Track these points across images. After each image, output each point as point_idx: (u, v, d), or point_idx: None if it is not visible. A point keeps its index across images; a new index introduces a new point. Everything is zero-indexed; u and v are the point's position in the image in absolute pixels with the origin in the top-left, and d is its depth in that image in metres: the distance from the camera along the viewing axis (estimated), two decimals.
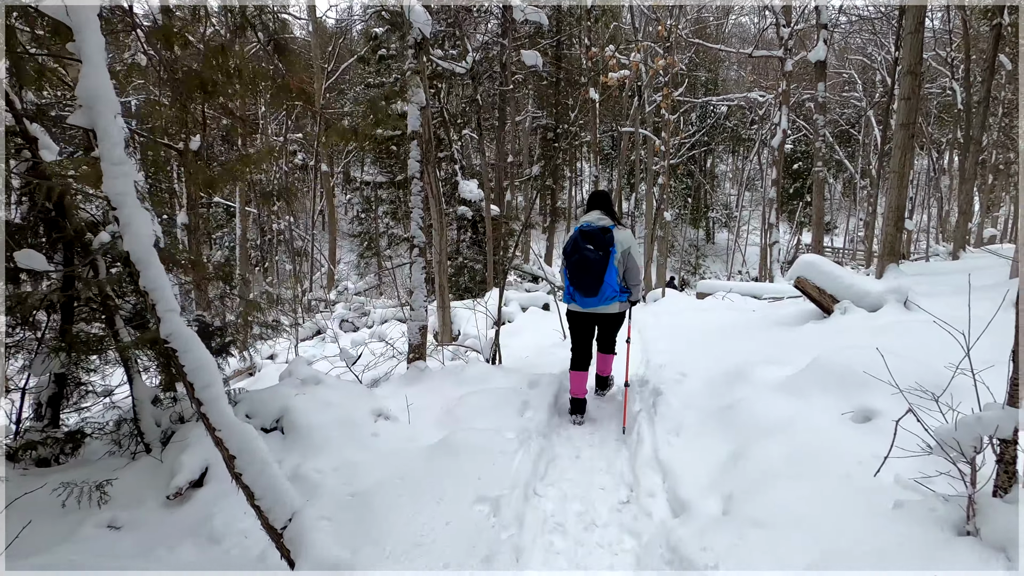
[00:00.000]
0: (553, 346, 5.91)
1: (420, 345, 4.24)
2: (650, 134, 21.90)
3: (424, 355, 4.31)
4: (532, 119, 19.49)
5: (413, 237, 4.14)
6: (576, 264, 3.53)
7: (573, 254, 3.55)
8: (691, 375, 4.07)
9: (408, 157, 4.12)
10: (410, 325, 4.21)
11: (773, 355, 4.10)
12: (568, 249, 3.62)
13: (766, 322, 5.58)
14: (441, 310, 6.66)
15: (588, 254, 3.50)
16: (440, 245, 6.38)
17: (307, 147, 22.66)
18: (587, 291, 3.55)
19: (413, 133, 4.11)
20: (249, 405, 3.13)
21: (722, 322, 6.11)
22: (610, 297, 3.57)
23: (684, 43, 13.54)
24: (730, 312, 6.72)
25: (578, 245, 3.55)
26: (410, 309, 4.23)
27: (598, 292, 3.53)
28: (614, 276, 3.56)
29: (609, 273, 3.53)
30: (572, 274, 3.56)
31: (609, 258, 3.52)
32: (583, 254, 3.51)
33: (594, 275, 3.50)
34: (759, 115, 27.66)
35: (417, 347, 4.24)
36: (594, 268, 3.49)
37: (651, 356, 4.91)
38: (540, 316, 8.03)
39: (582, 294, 3.58)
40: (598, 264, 3.49)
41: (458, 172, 11.01)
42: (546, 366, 4.68)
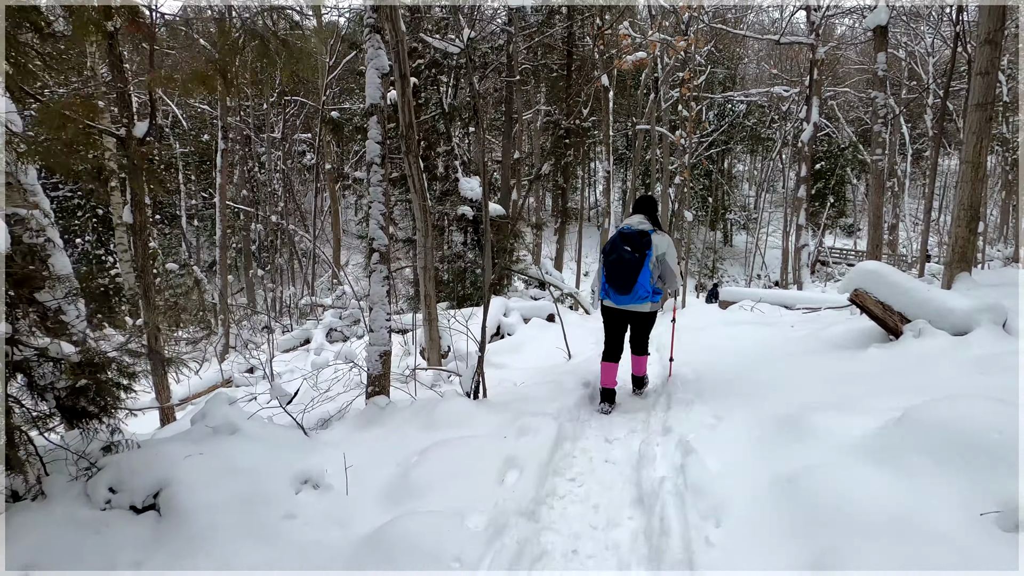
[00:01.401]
0: (556, 369, 4.98)
1: (381, 376, 3.34)
2: (667, 132, 20.91)
3: (387, 387, 3.41)
4: (543, 114, 18.58)
5: (372, 239, 3.25)
6: (613, 263, 3.74)
7: (611, 254, 3.76)
8: (727, 420, 3.12)
9: (367, 137, 3.23)
10: (369, 351, 3.32)
11: (835, 395, 3.14)
12: (607, 249, 3.84)
13: (813, 343, 4.60)
14: (428, 324, 5.77)
15: (624, 254, 3.71)
16: (426, 248, 5.48)
17: (315, 147, 22.01)
18: (621, 289, 3.74)
19: (372, 107, 3.22)
20: (115, 474, 2.24)
21: (757, 341, 5.13)
22: (642, 296, 3.75)
23: (703, 33, 12.51)
24: (764, 328, 5.74)
25: (616, 245, 3.76)
26: (368, 331, 3.33)
27: (631, 291, 3.72)
28: (647, 277, 3.74)
29: (643, 274, 3.72)
30: (608, 273, 3.79)
31: (644, 260, 3.71)
32: (620, 254, 3.72)
33: (629, 275, 3.70)
34: (782, 112, 26.46)
35: (377, 378, 3.35)
36: (629, 268, 3.70)
37: (674, 389, 3.96)
38: (544, 328, 7.10)
39: (616, 292, 3.78)
40: (633, 265, 3.69)
41: (458, 168, 10.12)
42: (544, 399, 3.75)
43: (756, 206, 40.98)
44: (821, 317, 6.43)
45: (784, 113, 26.77)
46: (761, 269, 30.41)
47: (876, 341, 4.13)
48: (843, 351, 4.16)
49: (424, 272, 5.62)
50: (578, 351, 5.79)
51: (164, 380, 5.55)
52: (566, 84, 15.39)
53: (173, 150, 25.05)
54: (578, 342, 6.19)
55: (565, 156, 15.80)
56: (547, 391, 3.97)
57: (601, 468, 2.93)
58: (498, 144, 19.73)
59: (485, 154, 18.47)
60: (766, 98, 31.23)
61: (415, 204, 5.23)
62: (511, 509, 2.34)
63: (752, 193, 42.15)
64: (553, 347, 6.01)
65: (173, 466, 2.28)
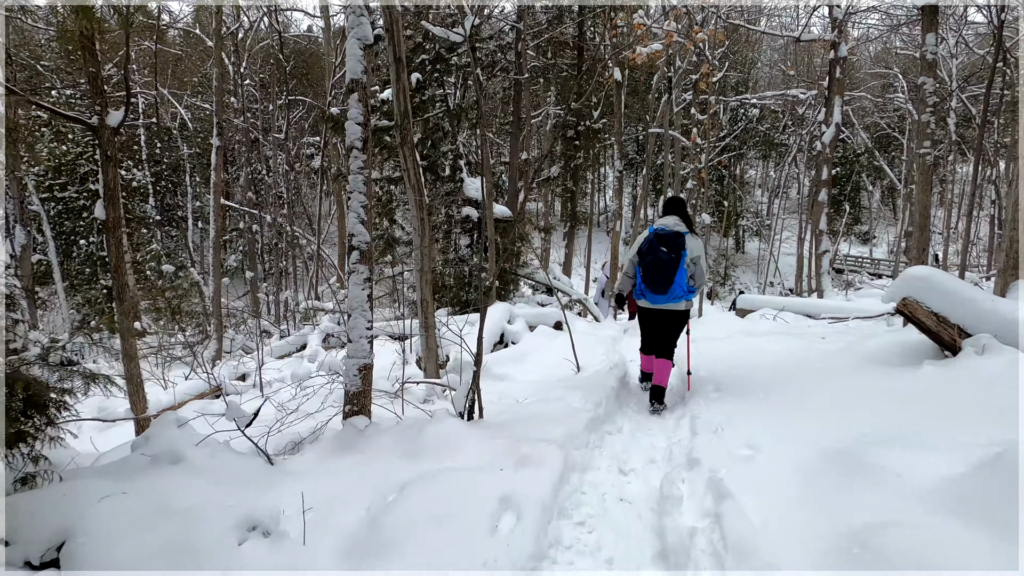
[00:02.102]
0: (563, 384, 4.50)
1: (361, 393, 2.89)
2: (679, 136, 20.43)
3: (367, 406, 2.96)
4: (552, 117, 18.17)
5: (351, 235, 2.81)
6: (650, 264, 3.82)
7: (648, 254, 3.84)
8: (766, 451, 2.63)
9: (347, 118, 2.79)
10: (346, 364, 2.87)
11: (894, 423, 2.65)
12: (644, 249, 3.89)
13: (852, 359, 4.10)
14: (425, 332, 5.32)
15: (662, 255, 3.78)
16: (422, 249, 5.05)
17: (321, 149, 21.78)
18: (658, 289, 3.82)
19: (353, 83, 2.78)
20: (10, 520, 1.80)
21: (786, 355, 4.63)
22: (678, 296, 3.84)
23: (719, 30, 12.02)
24: (791, 339, 5.23)
25: (653, 246, 3.82)
26: (347, 341, 2.88)
27: (668, 291, 3.81)
28: (684, 277, 3.81)
29: (680, 274, 3.79)
30: (645, 273, 3.87)
31: (680, 260, 3.78)
32: (657, 255, 3.79)
33: (666, 275, 3.78)
34: (797, 116, 25.87)
35: (356, 396, 2.89)
36: (666, 269, 3.77)
37: (697, 408, 3.48)
38: (551, 337, 6.62)
39: (653, 291, 3.86)
40: (670, 265, 3.77)
41: (463, 169, 9.70)
42: (549, 420, 3.27)
43: (769, 212, 40.34)
44: (852, 328, 5.91)
45: (799, 117, 26.18)
46: (774, 276, 29.72)
47: (928, 357, 3.63)
48: (890, 369, 3.66)
49: (421, 275, 5.19)
50: (588, 362, 5.31)
51: (140, 389, 5.13)
52: (576, 85, 14.97)
53: (181, 152, 24.94)
54: (587, 352, 5.72)
55: (575, 158, 15.35)
56: (552, 410, 3.50)
57: (615, 509, 2.45)
58: (506, 145, 19.33)
59: (493, 156, 18.07)
60: (780, 103, 30.68)
61: (411, 201, 4.80)
62: (504, 566, 1.87)
63: (764, 200, 41.51)
64: (561, 357, 5.54)
65: (85, 510, 1.83)
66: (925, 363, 3.49)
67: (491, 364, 5.59)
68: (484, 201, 8.32)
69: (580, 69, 14.86)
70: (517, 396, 4.18)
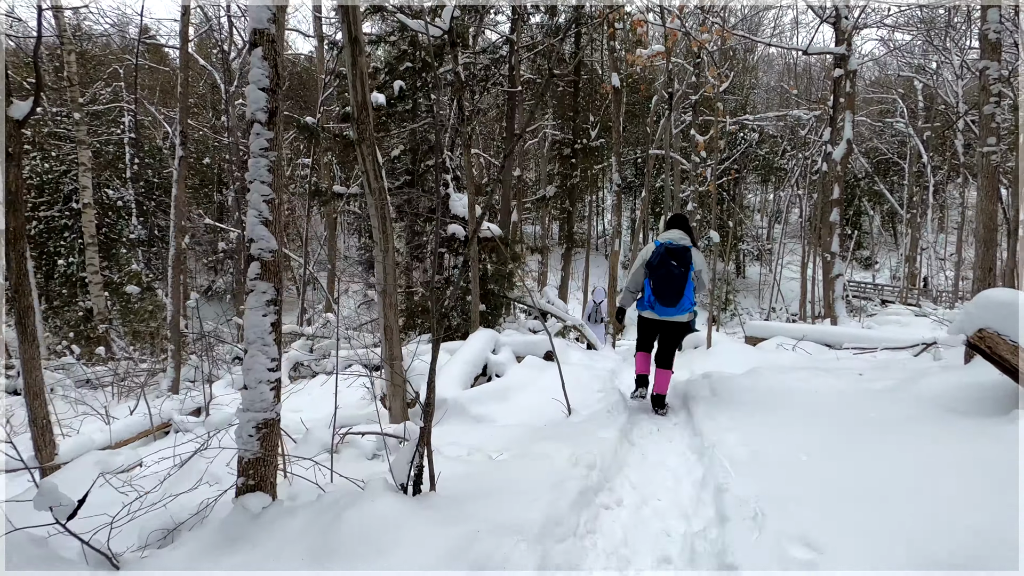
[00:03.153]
0: (550, 431, 3.67)
1: (259, 461, 2.07)
2: (679, 157, 19.90)
3: (269, 477, 2.12)
4: (550, 137, 17.61)
5: (250, 240, 2.04)
6: (662, 277, 3.95)
7: (660, 268, 3.96)
8: (833, 554, 1.81)
9: (250, 82, 2.04)
10: (240, 421, 2.06)
11: (1015, 510, 1.83)
12: (655, 263, 4.00)
13: (909, 405, 3.28)
14: (390, 364, 4.51)
15: (673, 269, 3.93)
16: (386, 266, 4.28)
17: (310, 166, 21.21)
18: (668, 302, 3.98)
19: (256, 34, 2.03)
20: None
21: (823, 396, 3.80)
22: (686, 308, 4.01)
23: (720, 45, 11.49)
24: (823, 376, 4.41)
25: (664, 260, 3.96)
26: (243, 388, 2.08)
27: (677, 304, 3.98)
28: (691, 290, 4.00)
29: (688, 288, 3.97)
30: (656, 286, 3.98)
31: (689, 274, 3.95)
32: (669, 269, 3.94)
33: (676, 288, 3.94)
34: (799, 138, 25.43)
35: (253, 465, 2.07)
36: (677, 282, 3.94)
37: (724, 477, 2.65)
38: (542, 370, 5.80)
39: (662, 304, 4.00)
40: (681, 279, 3.94)
41: (450, 184, 9.00)
42: (527, 493, 2.43)
43: (769, 236, 39.82)
44: (888, 362, 5.10)
45: (801, 140, 25.76)
46: (776, 301, 28.97)
47: (1013, 406, 2.82)
48: (967, 421, 2.84)
49: (384, 298, 4.40)
50: (581, 402, 4.49)
51: (46, 432, 4.30)
52: (573, 102, 14.44)
53: (169, 170, 24.35)
54: (581, 390, 4.89)
55: (571, 178, 14.73)
56: (533, 474, 2.67)
57: None
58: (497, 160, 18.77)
59: (485, 174, 17.46)
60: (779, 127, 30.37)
61: (371, 208, 4.04)
62: None
63: (764, 224, 41.01)
64: (550, 395, 4.71)
65: None
66: (1015, 414, 2.68)
67: (469, 402, 4.77)
68: (467, 216, 7.60)
69: (577, 85, 14.35)
70: (492, 449, 3.35)
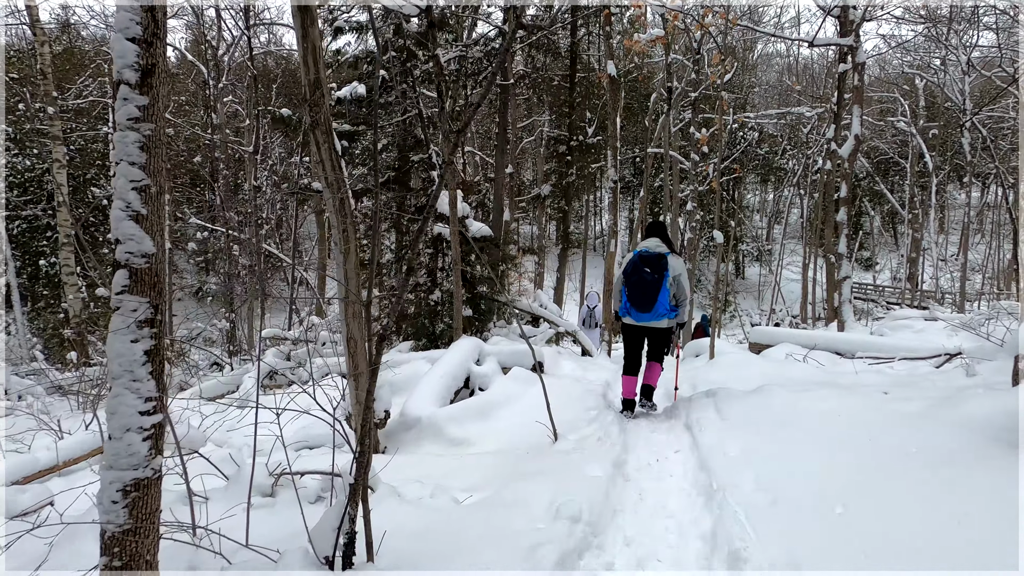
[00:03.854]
0: (531, 464, 3.14)
1: (128, 535, 1.54)
2: (678, 156, 19.40)
3: (145, 555, 1.60)
4: (546, 136, 17.10)
5: (116, 240, 1.52)
6: (635, 284, 4.13)
7: (633, 275, 4.15)
8: None
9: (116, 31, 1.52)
10: (102, 479, 1.54)
11: None
12: (628, 270, 4.21)
13: (949, 431, 2.77)
14: (354, 379, 3.99)
15: (646, 276, 4.08)
16: (346, 268, 3.76)
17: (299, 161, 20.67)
18: (642, 307, 4.12)
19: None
20: None
21: (846, 422, 3.28)
22: (661, 314, 4.12)
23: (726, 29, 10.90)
24: (842, 394, 3.88)
25: (638, 267, 4.13)
26: (108, 438, 1.56)
27: (652, 309, 4.10)
28: (666, 296, 4.12)
29: (663, 293, 4.09)
30: (630, 292, 4.17)
31: (663, 280, 4.08)
32: (641, 276, 4.10)
33: (650, 294, 4.07)
34: (802, 136, 24.96)
35: (116, 540, 1.54)
36: (649, 288, 4.07)
37: (743, 537, 2.12)
38: (529, 383, 5.28)
39: (637, 310, 4.15)
40: (653, 285, 4.07)
41: (437, 180, 8.48)
42: (497, 561, 1.92)
43: (768, 237, 39.38)
44: (913, 376, 4.59)
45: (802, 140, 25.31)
46: (776, 303, 28.50)
47: None
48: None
49: (347, 306, 3.88)
50: (571, 423, 3.97)
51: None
52: (569, 97, 13.93)
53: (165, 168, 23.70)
54: (571, 407, 4.38)
55: (567, 176, 14.21)
56: (503, 533, 2.15)
57: None
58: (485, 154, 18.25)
59: (478, 172, 16.94)
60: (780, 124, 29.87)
61: (327, 199, 3.52)
62: None
63: (763, 224, 40.55)
64: (537, 413, 4.18)
65: None
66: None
67: (445, 422, 4.25)
68: (450, 214, 7.09)
69: (573, 80, 13.83)
70: (461, 488, 2.82)
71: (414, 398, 4.64)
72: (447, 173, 5.93)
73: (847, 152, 9.88)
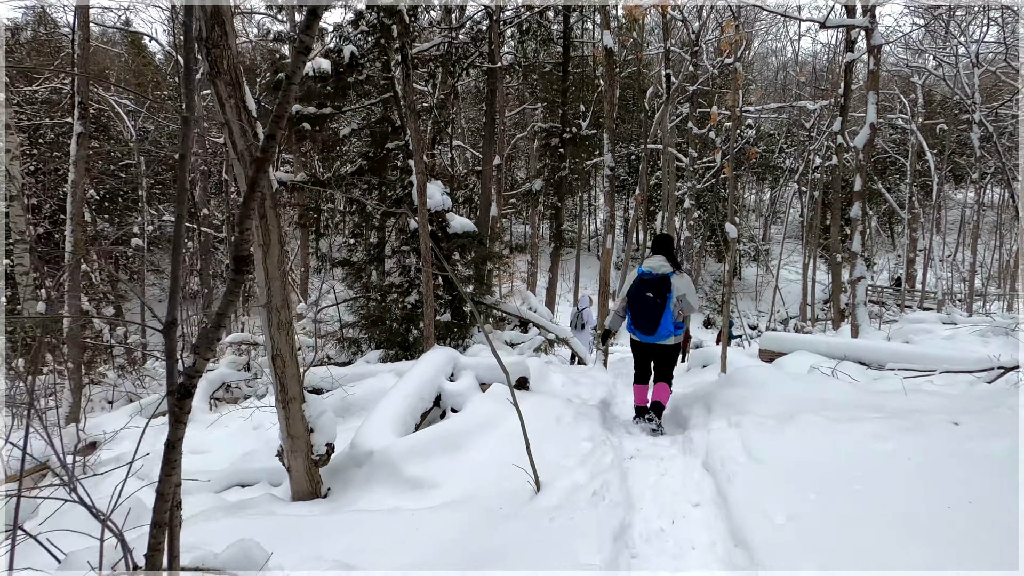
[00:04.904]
0: (503, 531, 2.32)
1: None
2: (676, 152, 18.65)
3: None
4: (535, 126, 16.27)
5: None
6: (638, 307, 4.14)
7: (636, 299, 4.15)
8: None
9: None
10: None
11: None
12: (632, 293, 4.20)
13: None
14: (284, 407, 3.15)
15: (648, 301, 4.09)
16: (269, 267, 2.94)
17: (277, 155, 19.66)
18: (645, 330, 4.13)
19: None
20: None
21: (926, 479, 2.47)
22: (665, 335, 4.11)
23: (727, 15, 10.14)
24: (900, 427, 3.07)
25: (640, 291, 4.13)
26: None
27: (655, 332, 4.10)
28: (670, 318, 4.08)
29: (665, 316, 4.07)
30: (634, 315, 4.19)
31: (666, 303, 4.06)
32: (644, 301, 4.10)
33: (652, 318, 4.07)
34: (799, 135, 24.27)
35: None
36: (653, 312, 4.06)
37: None
38: (510, 404, 4.46)
39: (641, 332, 4.17)
40: (657, 308, 4.06)
41: (413, 170, 7.64)
42: None
43: (765, 237, 38.73)
44: (977, 398, 3.79)
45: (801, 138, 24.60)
46: (776, 304, 27.81)
47: None
48: None
49: (270, 314, 3.06)
50: (557, 465, 3.13)
51: None
52: (562, 86, 13.12)
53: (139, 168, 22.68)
54: (562, 437, 3.56)
55: (559, 170, 13.40)
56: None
57: None
58: (477, 151, 17.36)
59: (464, 163, 16.05)
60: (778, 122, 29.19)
61: (237, 174, 2.69)
62: None
63: (759, 224, 39.91)
64: (517, 446, 3.34)
65: None
66: None
67: (403, 457, 3.43)
68: (437, 205, 6.26)
69: (566, 69, 13.02)
70: (431, 550, 1.99)
71: (369, 424, 3.80)
72: (417, 152, 5.09)
73: (862, 142, 9.10)
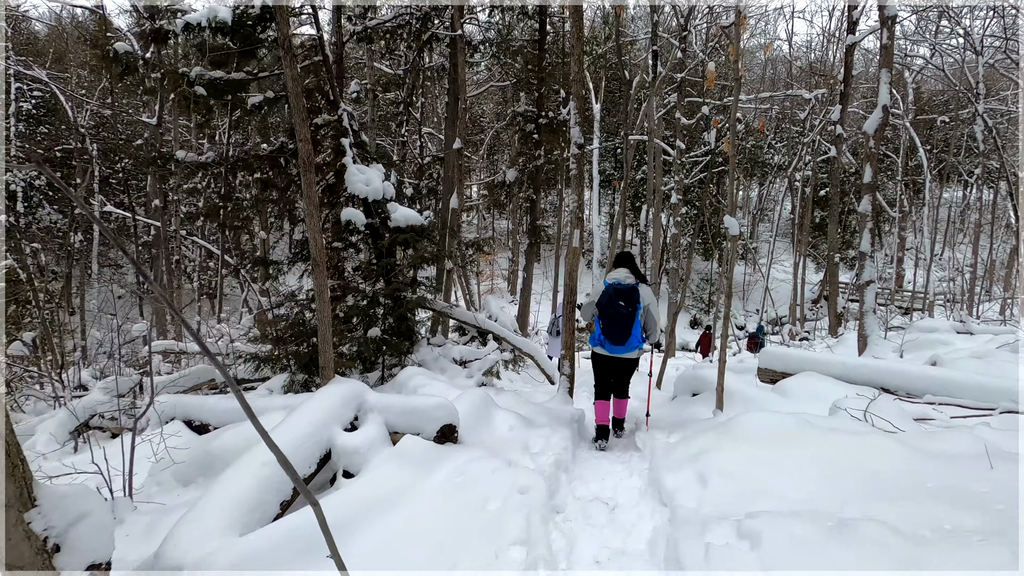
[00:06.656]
0: None
1: None
2: (663, 144, 17.52)
3: None
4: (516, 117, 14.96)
5: None
6: (611, 318, 4.16)
7: (608, 309, 4.18)
8: None
9: None
10: None
11: None
12: (604, 303, 4.21)
13: None
14: None
15: (621, 310, 4.14)
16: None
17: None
18: (616, 340, 4.18)
19: None
20: None
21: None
22: (634, 346, 4.23)
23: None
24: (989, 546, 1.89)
25: (613, 301, 4.17)
26: None
27: (626, 342, 4.17)
28: (639, 328, 4.21)
29: (636, 325, 4.18)
30: (605, 326, 4.19)
31: (636, 313, 4.17)
32: (617, 310, 4.15)
33: (624, 328, 4.14)
34: (799, 125, 23.27)
35: None
36: (625, 322, 4.14)
37: None
38: (434, 464, 3.17)
39: (611, 343, 4.20)
40: (628, 319, 4.15)
41: (349, 151, 6.32)
42: None
43: (753, 235, 37.90)
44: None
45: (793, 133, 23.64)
46: (764, 304, 26.89)
47: None
48: None
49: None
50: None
51: None
52: (537, 66, 11.83)
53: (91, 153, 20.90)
54: (478, 551, 2.30)
55: (535, 159, 12.12)
56: None
57: None
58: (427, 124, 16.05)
59: (425, 146, 14.71)
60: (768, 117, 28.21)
61: None
62: None
63: (747, 221, 39.07)
64: (432, 531, 2.08)
65: None
66: None
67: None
68: (382, 197, 4.99)
69: (542, 47, 11.74)
70: None
71: (193, 516, 2.49)
72: (298, 112, 3.78)
73: (873, 126, 7.96)
